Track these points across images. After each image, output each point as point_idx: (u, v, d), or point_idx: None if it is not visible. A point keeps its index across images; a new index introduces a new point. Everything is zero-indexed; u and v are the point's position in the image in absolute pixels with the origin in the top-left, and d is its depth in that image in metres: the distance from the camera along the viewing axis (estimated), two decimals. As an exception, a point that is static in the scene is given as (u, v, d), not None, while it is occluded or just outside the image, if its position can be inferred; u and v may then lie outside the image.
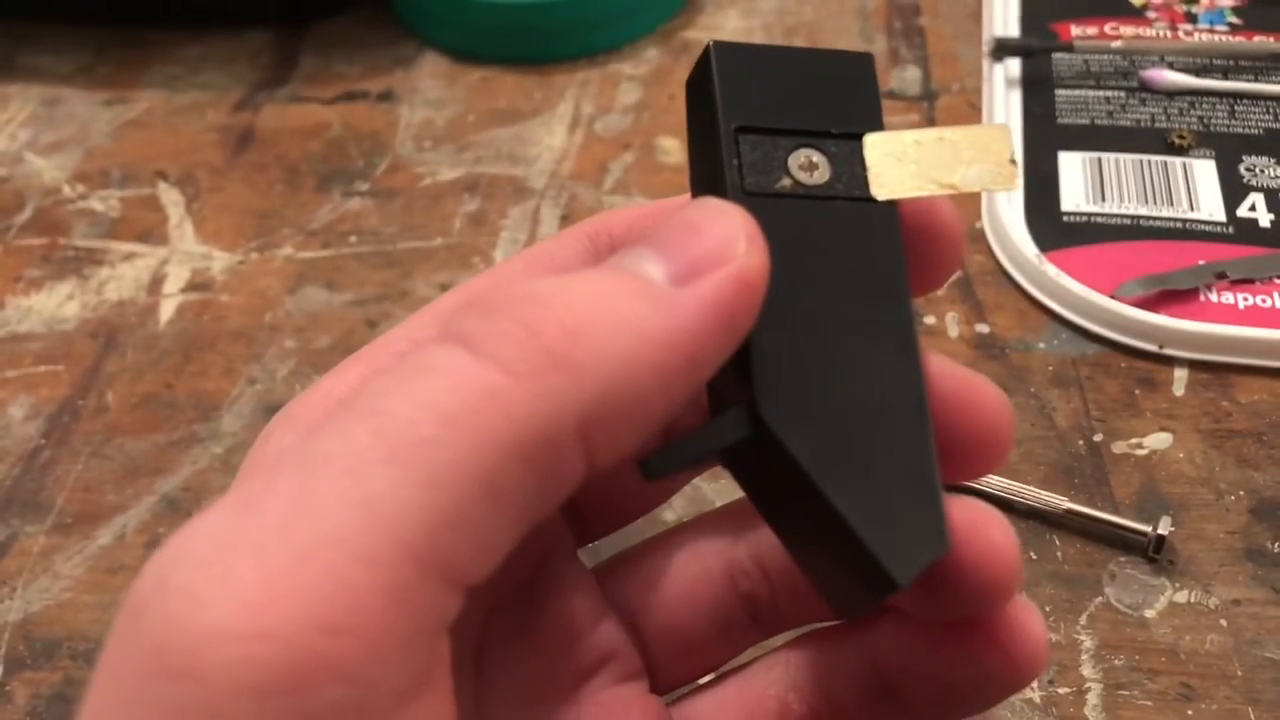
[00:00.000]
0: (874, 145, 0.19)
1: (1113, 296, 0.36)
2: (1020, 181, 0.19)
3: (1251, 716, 0.27)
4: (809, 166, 0.19)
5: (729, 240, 0.16)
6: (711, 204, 0.17)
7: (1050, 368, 0.35)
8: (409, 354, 0.16)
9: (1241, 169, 0.40)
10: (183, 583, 0.14)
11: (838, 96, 0.19)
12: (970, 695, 0.19)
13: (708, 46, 0.19)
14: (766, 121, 0.19)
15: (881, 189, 0.19)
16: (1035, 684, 0.28)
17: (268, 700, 0.13)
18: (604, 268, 0.17)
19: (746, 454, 0.18)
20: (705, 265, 0.16)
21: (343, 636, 0.13)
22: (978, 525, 0.18)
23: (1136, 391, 0.34)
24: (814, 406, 0.17)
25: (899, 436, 0.18)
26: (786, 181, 0.19)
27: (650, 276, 0.16)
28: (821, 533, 0.17)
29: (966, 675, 0.19)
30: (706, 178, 0.19)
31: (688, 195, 0.20)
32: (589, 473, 0.16)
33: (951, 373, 0.19)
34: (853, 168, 0.19)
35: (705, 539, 0.23)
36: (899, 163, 0.19)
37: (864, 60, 0.20)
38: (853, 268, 0.18)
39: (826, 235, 0.18)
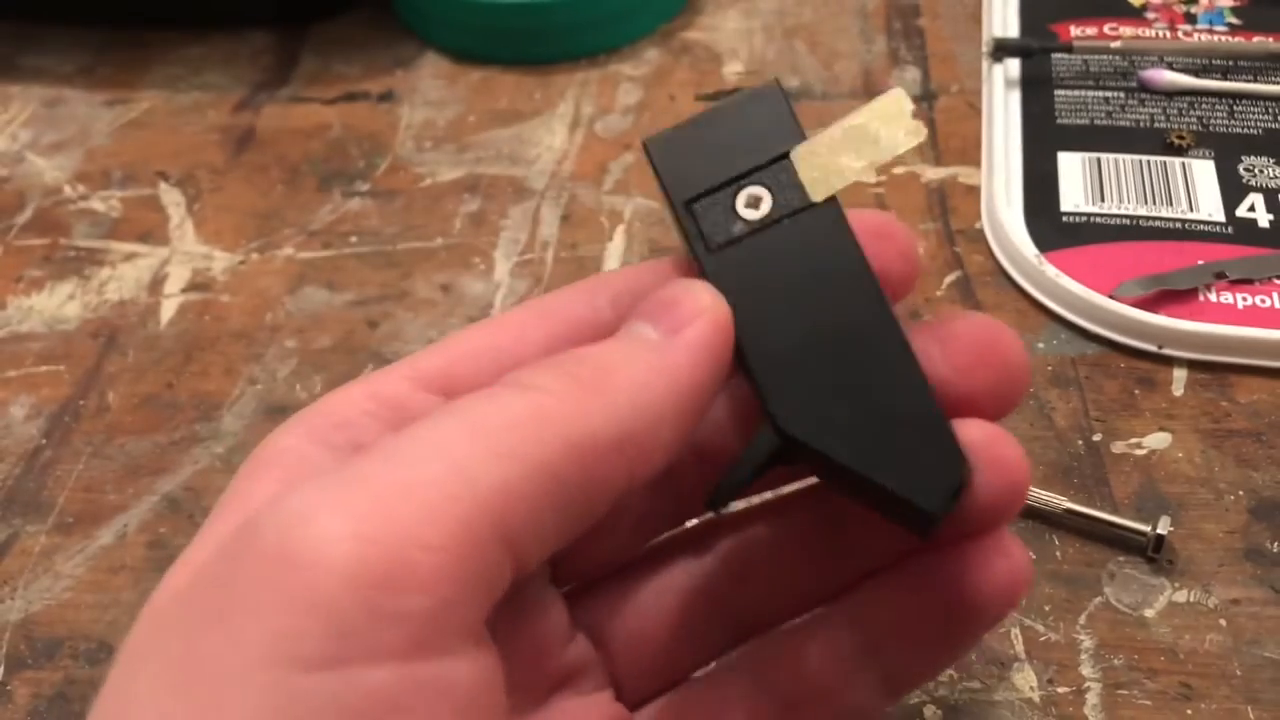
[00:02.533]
0: (801, 157, 0.22)
1: (1112, 296, 0.36)
2: (924, 131, 0.22)
3: (1250, 716, 0.27)
4: (754, 202, 0.22)
5: (697, 300, 0.21)
6: (680, 283, 0.21)
7: (1049, 368, 0.35)
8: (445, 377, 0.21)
9: (1241, 169, 0.40)
10: (300, 505, 0.17)
11: (758, 131, 0.22)
12: (968, 623, 0.22)
13: (643, 142, 0.22)
14: (707, 185, 0.22)
15: (818, 191, 0.21)
16: (1035, 683, 0.28)
17: (367, 593, 0.16)
18: (613, 338, 0.21)
19: (785, 458, 0.21)
20: (685, 320, 0.20)
21: (431, 552, 0.16)
22: (991, 442, 0.21)
23: (1136, 391, 0.34)
24: (822, 403, 0.20)
25: (899, 397, 0.20)
26: (740, 226, 0.21)
27: (650, 336, 0.20)
28: (872, 491, 0.21)
29: (970, 597, 0.21)
30: (682, 237, 0.22)
31: (668, 258, 0.23)
32: (629, 484, 0.19)
33: (970, 322, 0.22)
34: (791, 184, 0.22)
35: (671, 553, 0.24)
36: (825, 163, 0.22)
37: (774, 93, 0.22)
38: (816, 266, 0.21)
39: (787, 250, 0.21)
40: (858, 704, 0.23)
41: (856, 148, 0.21)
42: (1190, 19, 0.48)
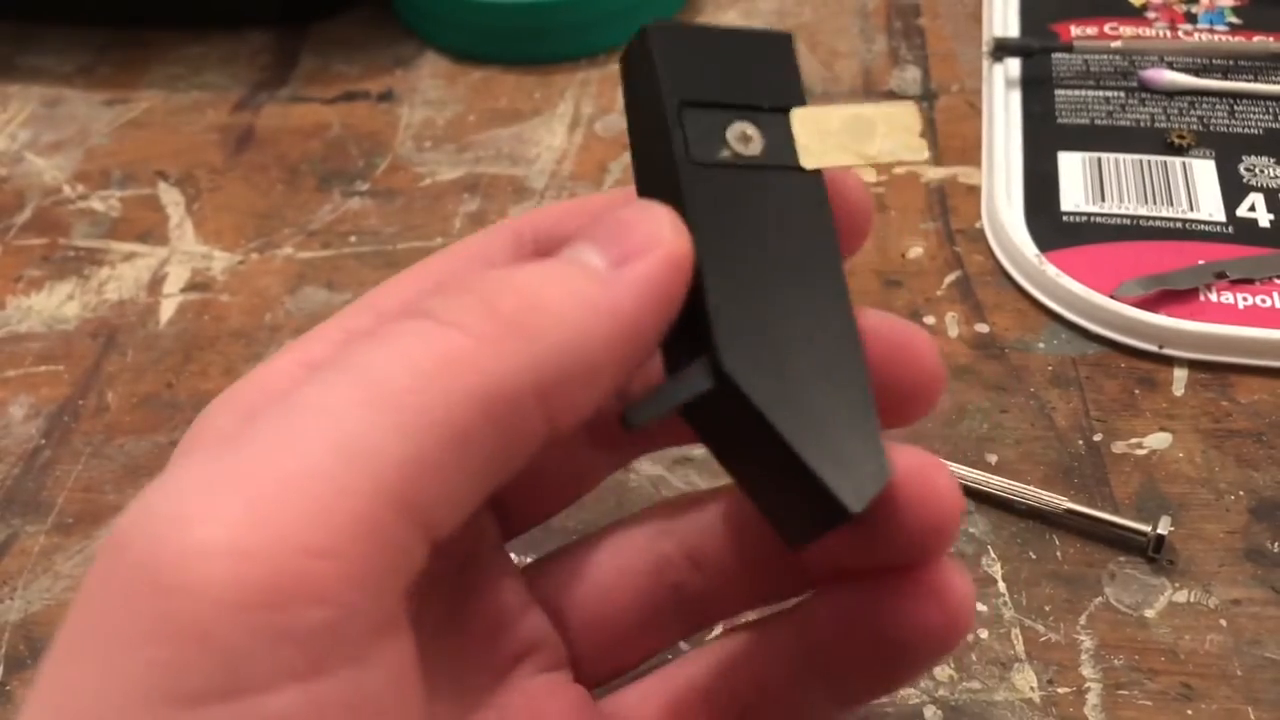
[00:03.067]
0: (801, 120, 0.21)
1: (1112, 296, 0.36)
2: (927, 152, 0.21)
3: (1251, 716, 0.27)
4: (744, 139, 0.20)
5: (657, 229, 0.18)
6: (639, 204, 0.19)
7: (1050, 368, 0.35)
8: (367, 330, 0.17)
9: (1241, 169, 0.40)
10: (169, 510, 0.15)
11: (765, 74, 0.21)
12: (902, 657, 0.20)
13: (644, 28, 0.20)
14: (705, 97, 0.20)
15: (809, 159, 0.21)
16: (1035, 684, 0.28)
17: (252, 615, 0.14)
18: (551, 259, 0.18)
19: (707, 404, 0.19)
20: (639, 251, 0.18)
21: (323, 559, 0.14)
22: (923, 469, 0.19)
23: (1136, 391, 0.34)
24: (766, 358, 0.19)
25: (840, 382, 0.19)
26: (726, 153, 0.20)
27: (593, 264, 0.18)
28: (778, 471, 0.19)
29: (899, 635, 0.20)
30: (651, 151, 0.20)
31: (611, 193, 0.21)
32: (550, 435, 0.17)
33: (888, 324, 0.21)
34: (782, 140, 0.21)
35: (632, 535, 0.23)
36: (823, 136, 0.21)
37: (786, 39, 0.21)
38: (788, 230, 0.20)
39: (763, 201, 0.20)
40: (810, 711, 0.22)
41: (856, 137, 0.21)
42: (1191, 19, 0.48)
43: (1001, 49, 0.46)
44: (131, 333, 0.39)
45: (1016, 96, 0.44)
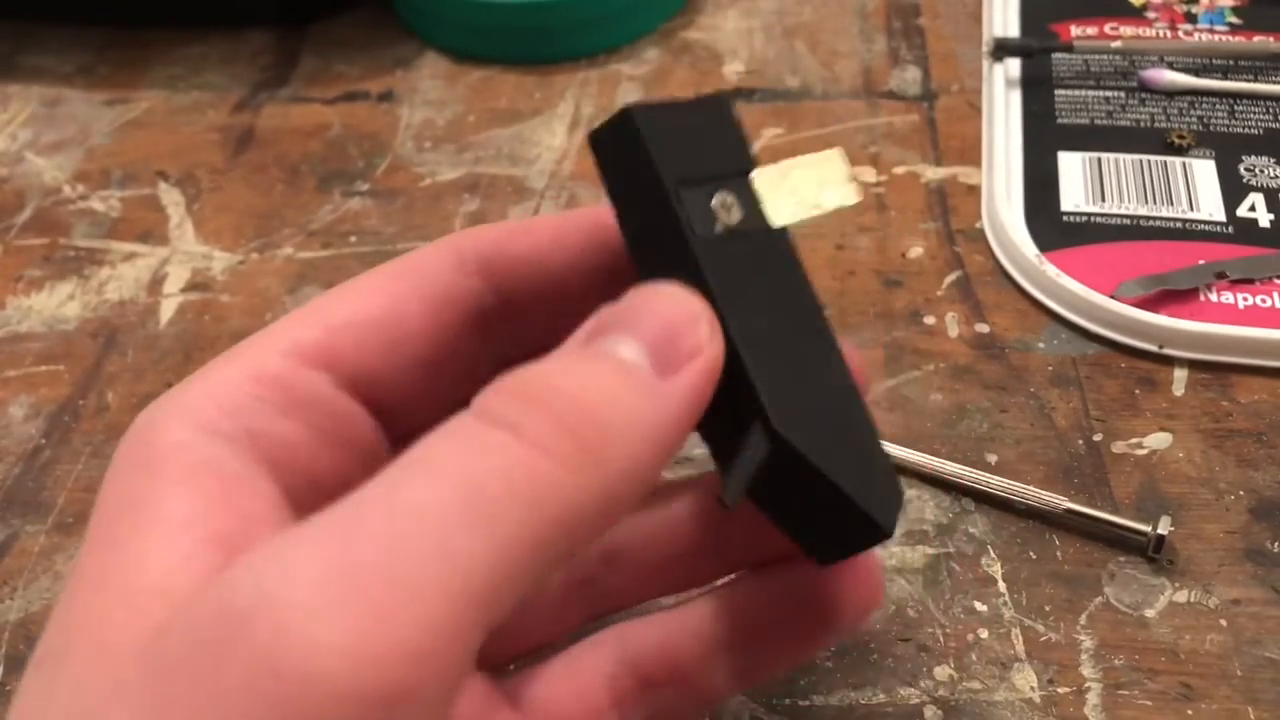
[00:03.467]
0: (759, 181, 0.22)
1: (1112, 296, 0.36)
2: (858, 197, 0.23)
3: (1251, 716, 0.27)
4: (727, 208, 0.21)
5: (697, 333, 0.19)
6: (669, 294, 0.20)
7: (1050, 368, 0.35)
8: (455, 429, 0.18)
9: (1241, 169, 0.40)
10: (296, 599, 0.16)
11: (721, 140, 0.22)
12: (821, 632, 0.23)
13: (626, 110, 0.21)
14: (691, 173, 0.21)
15: (779, 218, 0.22)
16: (1035, 684, 0.28)
17: (363, 711, 0.15)
18: (596, 354, 0.19)
19: (770, 461, 0.21)
20: (684, 358, 0.19)
21: (425, 664, 0.16)
22: None
23: (1136, 391, 0.34)
24: (801, 412, 0.20)
25: (854, 423, 0.21)
26: (720, 225, 0.21)
27: (636, 364, 0.19)
28: (821, 506, 0.21)
29: (823, 610, 0.22)
30: (651, 228, 0.21)
31: (560, 217, 0.23)
32: (601, 534, 0.19)
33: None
34: (750, 203, 0.21)
35: None
36: (781, 194, 0.22)
37: (727, 103, 0.22)
38: (779, 288, 0.21)
39: (757, 264, 0.21)
40: (713, 689, 0.23)
41: (805, 190, 0.22)
42: (1191, 19, 0.48)
43: (1001, 49, 0.46)
44: (132, 333, 0.39)
45: (1016, 96, 0.44)
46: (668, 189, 0.20)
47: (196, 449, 0.19)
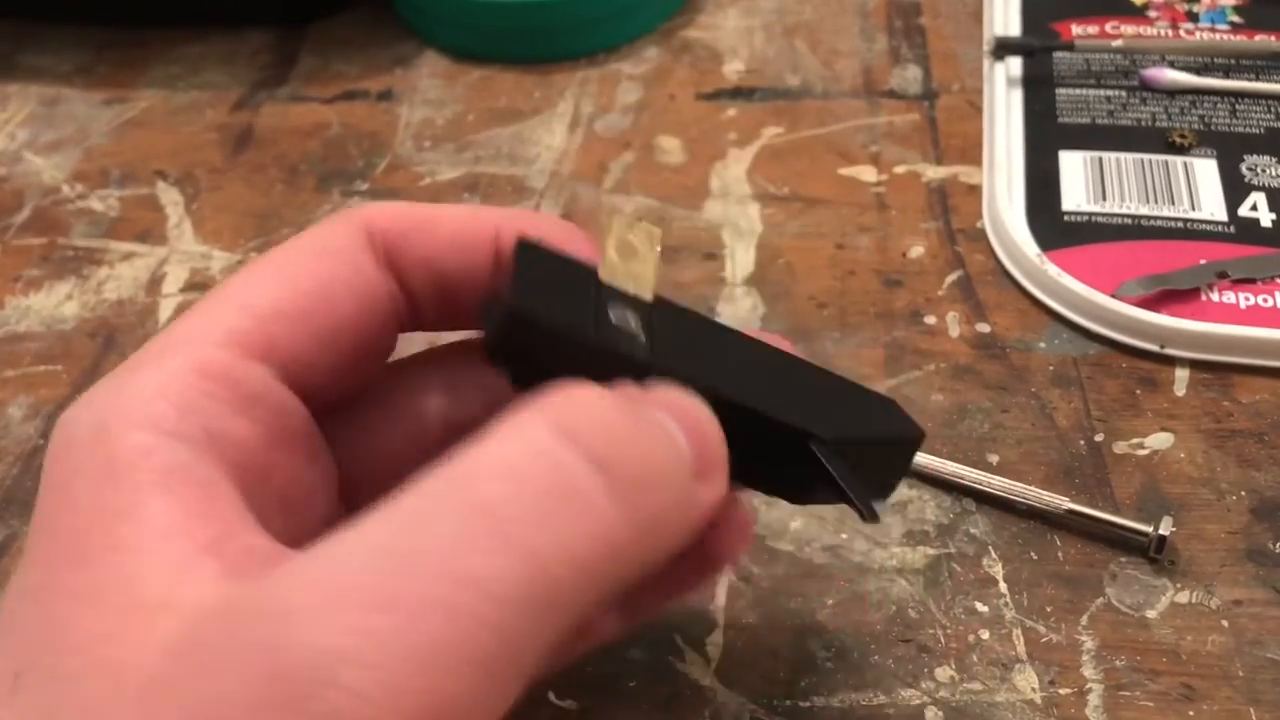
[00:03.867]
0: (607, 274, 0.22)
1: (1114, 296, 0.36)
2: (656, 233, 0.24)
3: (1253, 717, 0.27)
4: (621, 315, 0.22)
5: (716, 440, 0.20)
6: (695, 407, 0.20)
7: (1051, 367, 0.35)
8: (503, 433, 0.18)
9: (1243, 168, 0.40)
10: (354, 683, 0.15)
11: (563, 272, 0.22)
12: (701, 573, 0.24)
13: (512, 310, 0.20)
14: (588, 317, 0.22)
15: (645, 291, 0.23)
16: (1036, 684, 0.28)
17: None
18: (657, 426, 0.19)
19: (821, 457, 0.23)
20: (712, 467, 0.20)
21: (460, 707, 0.16)
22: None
23: (1137, 391, 0.34)
24: (823, 411, 0.23)
25: (834, 384, 0.25)
26: (636, 330, 0.22)
27: (683, 450, 0.20)
28: (878, 456, 0.25)
29: (704, 551, 0.22)
30: (584, 373, 0.21)
31: (460, 214, 0.23)
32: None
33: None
34: (623, 295, 0.22)
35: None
36: (632, 273, 0.23)
37: (534, 244, 0.22)
38: (709, 338, 0.24)
39: (680, 335, 0.23)
40: (598, 629, 0.24)
41: (636, 258, 0.23)
42: (1192, 17, 0.48)
43: (1003, 48, 0.46)
44: (130, 332, 0.38)
45: (1018, 95, 0.44)
46: (591, 345, 0.21)
47: (163, 454, 0.18)
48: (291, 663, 0.15)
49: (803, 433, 0.22)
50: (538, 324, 0.21)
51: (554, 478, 0.17)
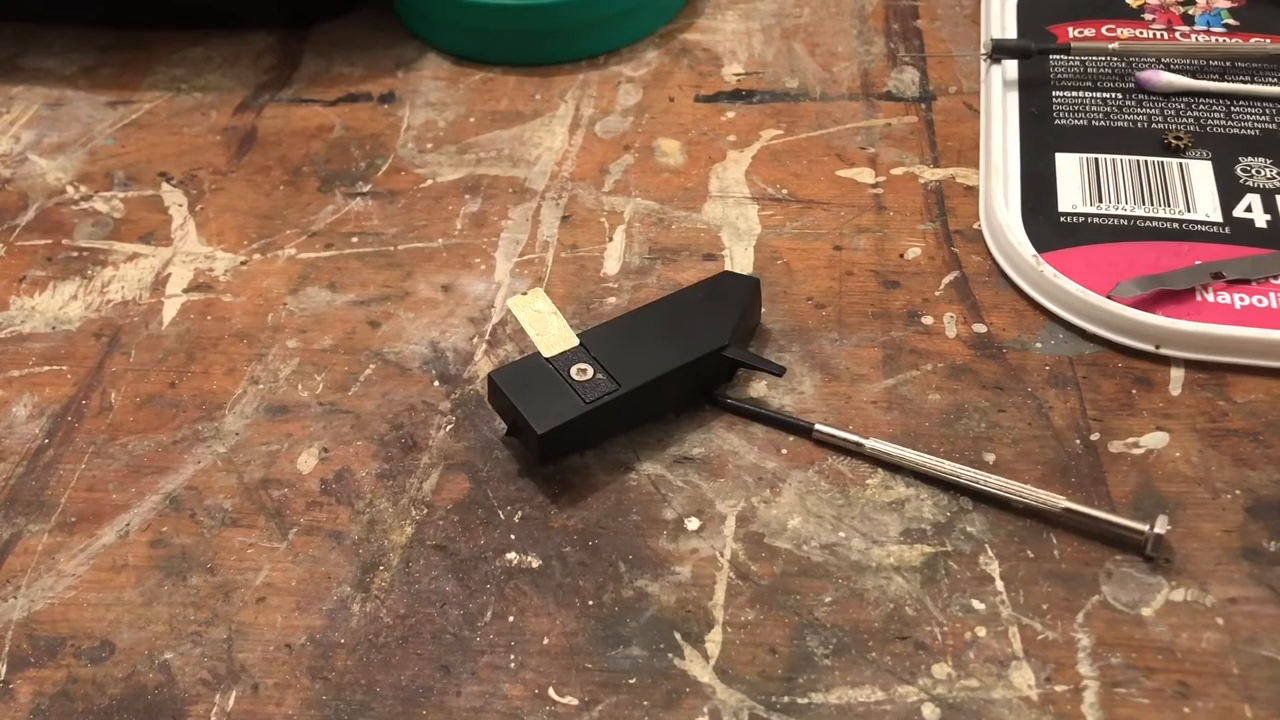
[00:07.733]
0: (544, 349, 0.34)
1: (1109, 296, 0.36)
2: (540, 291, 0.36)
3: (1248, 714, 0.27)
4: (582, 372, 0.33)
5: None
6: None
7: (1047, 367, 0.35)
8: None
9: (1238, 170, 0.40)
10: None
11: (526, 370, 0.33)
12: None
13: (538, 430, 0.32)
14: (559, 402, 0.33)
15: (571, 340, 0.34)
16: (1032, 682, 0.28)
17: None
18: None
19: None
20: None
21: None
22: None
23: (1133, 391, 0.34)
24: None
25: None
26: (599, 380, 0.33)
27: None
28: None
29: None
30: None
31: None
32: None
33: None
34: (569, 353, 0.33)
35: None
36: (550, 339, 0.34)
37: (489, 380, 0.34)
38: (643, 338, 0.34)
39: (630, 351, 0.34)
40: None
41: (545, 329, 0.34)
42: (1188, 20, 0.48)
43: (999, 50, 0.46)
44: (134, 333, 0.39)
45: (1014, 98, 0.44)
46: (592, 408, 0.32)
47: None
48: None
49: (715, 353, 0.34)
50: (560, 425, 0.32)
51: None
